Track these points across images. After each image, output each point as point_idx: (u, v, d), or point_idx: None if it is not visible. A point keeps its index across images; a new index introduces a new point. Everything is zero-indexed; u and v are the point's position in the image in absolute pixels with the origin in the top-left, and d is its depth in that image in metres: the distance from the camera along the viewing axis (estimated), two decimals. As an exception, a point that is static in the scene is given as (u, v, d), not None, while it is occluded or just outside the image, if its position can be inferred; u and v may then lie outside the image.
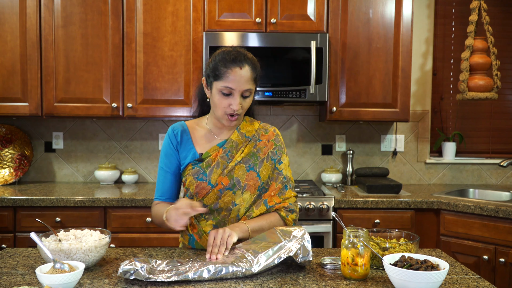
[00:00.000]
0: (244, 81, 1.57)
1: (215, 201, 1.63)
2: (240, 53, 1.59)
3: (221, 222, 1.64)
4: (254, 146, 1.68)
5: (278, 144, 1.73)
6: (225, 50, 1.62)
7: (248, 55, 1.61)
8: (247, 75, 1.57)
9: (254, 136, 1.70)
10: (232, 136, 1.68)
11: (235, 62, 1.56)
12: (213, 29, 2.89)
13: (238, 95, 1.57)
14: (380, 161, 3.39)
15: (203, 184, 1.62)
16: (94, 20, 2.91)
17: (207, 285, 1.28)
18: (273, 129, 1.76)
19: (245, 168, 1.64)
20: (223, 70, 1.56)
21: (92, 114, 2.94)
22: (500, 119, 3.42)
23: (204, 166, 1.63)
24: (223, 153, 1.65)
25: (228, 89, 1.56)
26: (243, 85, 1.57)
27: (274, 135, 1.74)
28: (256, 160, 1.66)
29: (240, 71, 1.56)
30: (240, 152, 1.66)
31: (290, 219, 1.67)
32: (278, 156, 1.71)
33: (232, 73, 1.55)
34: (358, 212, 2.71)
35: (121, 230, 2.69)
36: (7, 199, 2.65)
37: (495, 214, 2.49)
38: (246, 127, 1.72)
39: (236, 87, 1.56)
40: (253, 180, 1.64)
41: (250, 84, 1.59)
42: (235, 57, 1.57)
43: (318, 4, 2.90)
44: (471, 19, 3.06)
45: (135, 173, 3.26)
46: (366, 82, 2.96)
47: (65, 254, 1.35)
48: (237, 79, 1.55)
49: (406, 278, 1.19)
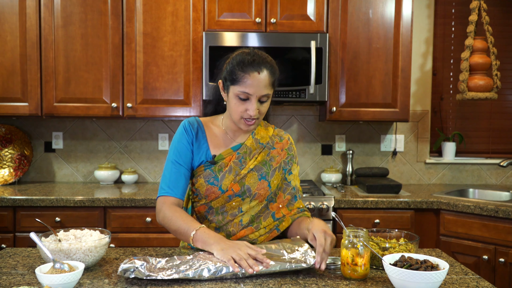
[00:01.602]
0: (263, 86, 1.50)
1: (223, 205, 1.62)
2: (258, 56, 1.53)
3: (224, 227, 1.63)
4: (268, 154, 1.65)
5: (291, 153, 1.70)
6: (244, 52, 1.55)
7: (268, 59, 1.55)
8: (265, 80, 1.51)
9: (268, 143, 1.66)
10: (247, 141, 1.64)
11: (253, 66, 1.49)
12: (213, 29, 2.89)
13: (255, 100, 1.51)
14: (380, 161, 3.39)
15: (214, 188, 1.59)
16: (94, 20, 2.91)
17: (207, 285, 1.28)
18: (287, 137, 1.73)
19: (257, 176, 1.61)
20: (241, 74, 1.50)
21: (92, 114, 2.94)
22: (500, 119, 3.42)
23: (216, 170, 1.59)
24: (236, 159, 1.61)
25: (245, 94, 1.50)
26: (261, 90, 1.50)
27: (288, 144, 1.71)
28: (269, 169, 1.63)
29: (258, 76, 1.49)
30: (253, 159, 1.63)
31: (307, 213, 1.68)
32: (289, 166, 1.68)
33: (250, 78, 1.49)
34: (358, 212, 2.71)
35: (121, 230, 2.69)
36: (6, 199, 2.65)
37: (495, 214, 2.49)
38: (261, 133, 1.67)
39: (253, 93, 1.50)
40: (264, 189, 1.62)
41: (268, 89, 1.52)
42: (253, 60, 1.50)
43: (318, 4, 2.90)
44: (471, 19, 3.06)
45: (135, 173, 3.26)
46: (366, 82, 2.97)
47: (65, 254, 1.35)
48: (255, 84, 1.49)
49: (406, 278, 1.19)
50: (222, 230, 1.63)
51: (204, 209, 1.64)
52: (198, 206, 1.66)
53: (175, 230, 1.53)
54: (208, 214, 1.64)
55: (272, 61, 1.58)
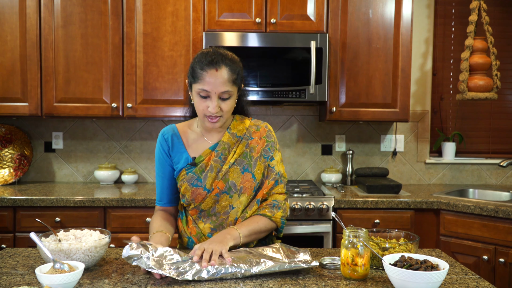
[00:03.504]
0: (220, 83, 1.51)
1: (213, 206, 1.62)
2: (218, 54, 1.54)
3: (220, 226, 1.63)
4: (247, 146, 1.65)
5: (270, 140, 1.70)
6: (204, 51, 1.57)
7: (228, 56, 1.56)
8: (224, 77, 1.52)
9: (245, 134, 1.67)
10: (224, 137, 1.65)
11: (211, 64, 1.51)
12: (213, 29, 2.89)
13: (215, 97, 1.53)
14: (380, 161, 3.39)
15: (199, 190, 1.60)
16: (94, 20, 2.91)
17: (206, 285, 1.28)
18: (264, 125, 1.72)
19: (240, 170, 1.62)
20: (200, 72, 1.52)
21: (92, 114, 2.94)
22: (499, 119, 3.42)
23: (198, 172, 1.61)
24: (215, 157, 1.62)
25: (204, 91, 1.52)
26: (219, 87, 1.52)
27: (266, 131, 1.70)
28: (250, 161, 1.64)
29: (215, 73, 1.51)
30: (232, 153, 1.63)
31: (277, 217, 1.62)
32: (271, 153, 1.68)
33: (207, 75, 1.51)
34: (358, 212, 2.71)
35: (121, 230, 2.69)
36: (6, 199, 2.65)
37: (494, 214, 2.49)
38: (237, 126, 1.68)
39: (211, 90, 1.52)
40: (249, 181, 1.62)
41: (228, 86, 1.53)
42: (212, 59, 1.52)
43: (318, 4, 2.90)
44: (471, 19, 3.06)
45: (135, 173, 3.26)
46: (366, 82, 2.97)
47: (64, 254, 1.35)
48: (213, 81, 1.51)
49: (406, 278, 1.19)
50: (219, 229, 1.63)
51: (196, 213, 1.66)
52: (190, 211, 1.67)
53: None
54: (200, 217, 1.65)
55: (234, 58, 1.58)
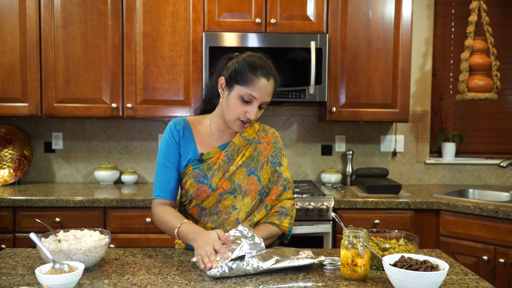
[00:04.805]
0: (268, 93, 1.54)
1: (215, 205, 1.62)
2: (268, 64, 1.56)
3: (220, 225, 1.63)
4: (255, 149, 1.67)
5: (277, 146, 1.72)
6: (255, 55, 1.58)
7: (274, 70, 1.58)
8: (270, 88, 1.55)
9: (254, 138, 1.69)
10: (235, 139, 1.65)
11: (264, 72, 1.53)
12: (212, 30, 2.89)
13: (257, 105, 1.54)
14: (379, 162, 3.39)
15: (204, 187, 1.60)
16: (94, 21, 2.91)
17: (206, 285, 1.28)
18: (272, 131, 1.75)
19: (246, 172, 1.63)
20: (251, 77, 1.52)
21: (91, 114, 2.94)
22: (499, 119, 3.42)
23: (205, 169, 1.61)
24: (225, 156, 1.62)
25: (251, 97, 1.53)
26: (266, 97, 1.54)
27: (274, 138, 1.73)
28: (257, 164, 1.65)
29: (266, 83, 1.53)
30: (241, 155, 1.64)
31: (284, 225, 1.65)
32: (278, 159, 1.70)
33: (260, 83, 1.52)
34: (357, 212, 2.71)
35: (121, 231, 2.69)
36: (6, 199, 2.65)
37: (494, 215, 2.49)
38: (248, 130, 1.69)
39: (259, 97, 1.53)
40: (254, 184, 1.63)
41: (270, 97, 1.57)
42: (264, 66, 1.53)
43: (317, 4, 2.91)
44: (471, 20, 3.06)
45: (135, 174, 3.26)
46: (366, 83, 2.97)
47: (64, 255, 1.35)
48: (263, 90, 1.52)
49: (405, 278, 1.19)
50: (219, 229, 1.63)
51: (196, 211, 1.65)
52: (190, 209, 1.67)
53: (165, 229, 1.59)
54: (201, 216, 1.65)
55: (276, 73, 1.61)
